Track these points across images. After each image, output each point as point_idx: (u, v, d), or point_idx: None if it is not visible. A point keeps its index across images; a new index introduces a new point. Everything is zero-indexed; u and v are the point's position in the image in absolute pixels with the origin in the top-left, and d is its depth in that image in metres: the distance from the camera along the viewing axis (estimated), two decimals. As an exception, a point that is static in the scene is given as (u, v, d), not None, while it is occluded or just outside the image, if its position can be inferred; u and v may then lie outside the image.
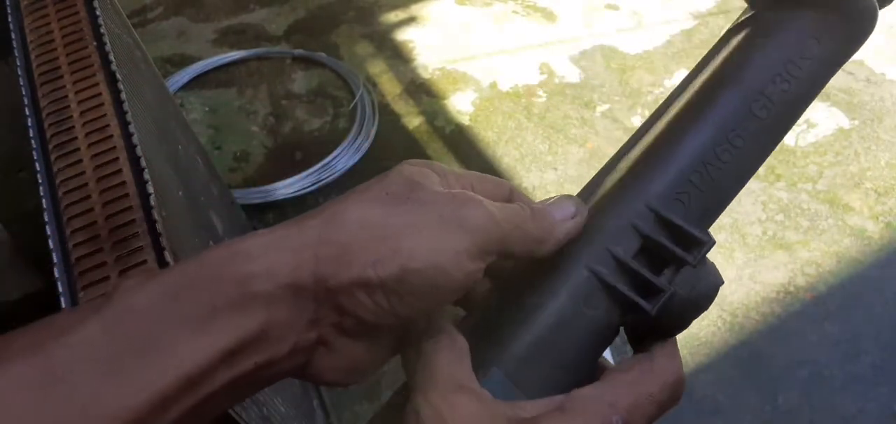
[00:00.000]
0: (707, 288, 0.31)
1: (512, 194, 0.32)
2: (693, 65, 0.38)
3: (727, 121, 0.35)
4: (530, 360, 0.30)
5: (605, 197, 0.34)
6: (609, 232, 0.32)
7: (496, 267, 0.30)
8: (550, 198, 0.32)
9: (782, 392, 1.31)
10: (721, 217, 0.36)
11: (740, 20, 0.39)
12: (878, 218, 1.58)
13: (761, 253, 1.52)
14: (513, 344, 0.30)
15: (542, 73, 2.02)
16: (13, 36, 0.53)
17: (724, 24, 2.06)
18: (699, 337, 1.38)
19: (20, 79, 0.50)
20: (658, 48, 2.04)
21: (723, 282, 0.32)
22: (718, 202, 0.35)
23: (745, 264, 1.49)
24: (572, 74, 2.00)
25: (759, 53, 0.37)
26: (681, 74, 1.92)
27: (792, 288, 1.46)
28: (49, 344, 0.23)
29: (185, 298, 0.24)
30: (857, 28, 0.38)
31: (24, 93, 0.49)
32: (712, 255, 0.31)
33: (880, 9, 0.38)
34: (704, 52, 0.39)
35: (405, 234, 0.26)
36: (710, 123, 0.35)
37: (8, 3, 0.56)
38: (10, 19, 0.55)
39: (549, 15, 2.22)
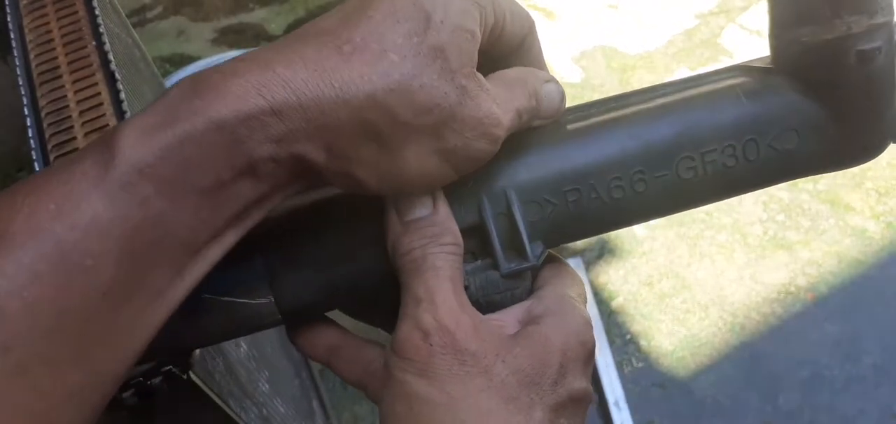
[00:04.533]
0: (504, 301, 0.30)
1: (528, 36, 0.30)
2: (694, 64, 0.35)
3: (640, 155, 0.29)
4: (292, 263, 0.30)
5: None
6: (454, 196, 0.29)
7: None
8: (549, 80, 0.31)
9: (783, 392, 1.31)
10: (721, 216, 0.34)
11: (755, 62, 0.33)
12: (879, 218, 1.58)
13: (762, 253, 1.51)
14: (291, 241, 0.30)
15: (542, 73, 2.01)
16: (12, 35, 0.53)
17: (725, 24, 2.06)
18: (700, 337, 1.38)
19: (19, 79, 0.49)
20: (659, 48, 2.04)
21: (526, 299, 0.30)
22: (579, 232, 0.30)
23: (746, 264, 1.49)
24: (573, 74, 2.00)
25: (727, 107, 0.30)
26: (681, 73, 1.91)
27: (793, 289, 1.46)
28: (55, 227, 0.23)
29: (193, 165, 0.24)
30: (852, 151, 0.31)
31: (22, 92, 0.48)
32: (713, 255, 0.30)
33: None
34: (705, 51, 0.36)
35: (412, 158, 0.26)
36: (622, 142, 0.29)
37: (7, 2, 0.56)
38: (8, 19, 0.55)
39: (548, 14, 2.21)
